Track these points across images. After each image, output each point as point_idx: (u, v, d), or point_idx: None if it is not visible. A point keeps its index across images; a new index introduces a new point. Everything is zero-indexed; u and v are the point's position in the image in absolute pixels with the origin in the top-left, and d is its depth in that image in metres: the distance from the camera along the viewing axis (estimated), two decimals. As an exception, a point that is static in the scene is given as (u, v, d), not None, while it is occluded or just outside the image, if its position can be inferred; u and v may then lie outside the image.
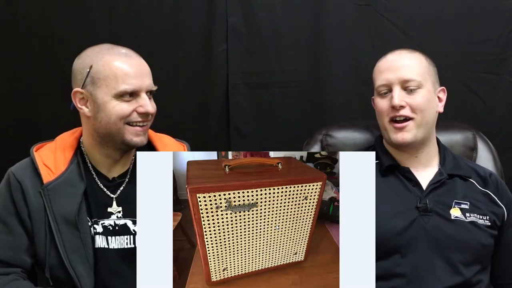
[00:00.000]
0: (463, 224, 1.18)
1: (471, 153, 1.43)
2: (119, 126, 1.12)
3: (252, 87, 1.80)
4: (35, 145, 1.21)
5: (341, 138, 1.48)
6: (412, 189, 1.22)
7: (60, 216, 1.11)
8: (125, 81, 1.10)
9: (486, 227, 1.19)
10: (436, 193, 1.21)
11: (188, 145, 1.34)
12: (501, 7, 1.70)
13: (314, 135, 1.51)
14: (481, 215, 1.19)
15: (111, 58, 1.12)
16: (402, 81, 1.20)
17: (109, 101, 1.11)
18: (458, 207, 1.20)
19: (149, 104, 1.14)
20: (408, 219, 1.17)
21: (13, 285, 1.10)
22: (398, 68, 1.22)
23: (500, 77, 1.73)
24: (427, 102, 1.21)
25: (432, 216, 1.18)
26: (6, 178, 1.16)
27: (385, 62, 1.25)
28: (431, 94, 1.22)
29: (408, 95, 1.20)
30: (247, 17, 1.76)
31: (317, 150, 1.49)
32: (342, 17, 1.73)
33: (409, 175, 1.24)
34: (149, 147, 1.25)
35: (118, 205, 1.18)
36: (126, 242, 1.16)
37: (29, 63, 1.80)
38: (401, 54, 1.25)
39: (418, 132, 1.21)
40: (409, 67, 1.21)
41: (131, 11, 1.77)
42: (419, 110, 1.20)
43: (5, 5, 1.78)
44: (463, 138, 1.45)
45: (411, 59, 1.23)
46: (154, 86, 1.17)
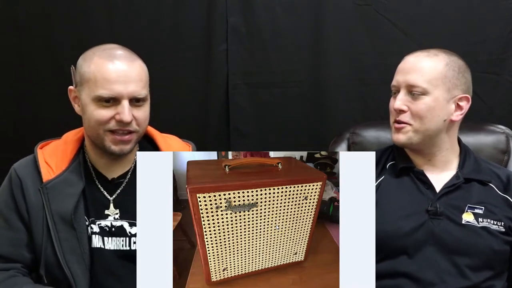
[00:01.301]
0: (474, 229, 1.16)
1: (502, 156, 1.40)
2: (99, 132, 1.11)
3: (252, 87, 1.80)
4: (41, 142, 1.21)
5: (367, 137, 1.48)
6: (425, 191, 1.21)
7: (58, 214, 1.12)
8: (103, 86, 1.07)
9: (499, 233, 1.17)
10: (450, 197, 1.20)
11: (194, 145, 1.33)
12: (501, 7, 1.69)
13: (342, 133, 1.51)
14: (495, 221, 1.18)
15: (98, 61, 1.09)
16: (408, 85, 1.19)
17: (89, 104, 1.09)
18: (471, 212, 1.18)
19: (127, 112, 1.08)
20: (417, 221, 1.17)
21: (11, 281, 1.10)
22: (408, 71, 1.20)
23: (500, 77, 1.73)
24: (429, 110, 1.18)
25: (442, 220, 1.17)
26: (9, 174, 1.17)
27: (402, 62, 1.23)
28: (438, 102, 1.18)
29: (412, 100, 1.19)
30: (247, 17, 1.76)
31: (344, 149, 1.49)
32: (342, 17, 1.73)
33: (423, 177, 1.23)
34: (154, 148, 1.25)
35: (115, 207, 1.18)
36: (122, 244, 1.16)
37: (29, 63, 1.80)
38: (418, 57, 1.21)
39: (415, 137, 1.20)
40: (419, 71, 1.18)
41: (131, 11, 1.77)
42: (419, 117, 1.18)
43: (5, 5, 1.78)
44: (494, 140, 1.42)
45: (425, 62, 1.19)
46: (143, 93, 1.11)
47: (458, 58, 1.23)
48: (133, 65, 1.11)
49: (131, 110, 1.10)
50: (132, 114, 1.10)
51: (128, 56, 1.12)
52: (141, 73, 1.12)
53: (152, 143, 1.26)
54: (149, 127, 1.22)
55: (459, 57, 1.24)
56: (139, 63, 1.13)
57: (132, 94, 1.09)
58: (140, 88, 1.10)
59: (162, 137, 1.27)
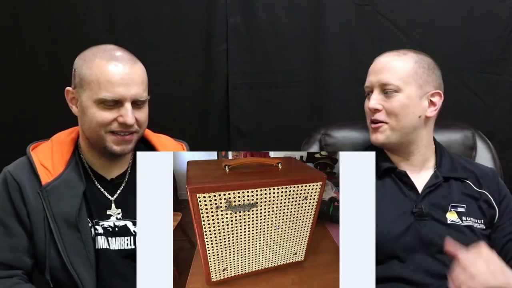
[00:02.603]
0: (459, 228, 1.18)
1: (470, 152, 1.43)
2: (100, 133, 1.11)
3: (252, 87, 1.80)
4: (31, 144, 1.20)
5: (340, 138, 1.48)
6: (408, 193, 1.22)
7: (60, 217, 1.11)
8: (107, 89, 1.07)
9: (481, 230, 1.19)
10: (432, 196, 1.21)
11: (186, 144, 1.33)
12: (501, 7, 1.70)
13: (313, 135, 1.51)
14: (476, 219, 1.20)
15: (100, 63, 1.09)
16: (380, 84, 1.22)
17: (90, 106, 1.09)
18: (455, 211, 1.20)
19: (130, 115, 1.09)
20: (404, 224, 1.17)
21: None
22: (379, 71, 1.23)
23: (500, 77, 1.73)
24: (403, 107, 1.20)
25: (428, 221, 1.18)
26: (3, 178, 1.14)
27: (373, 64, 1.26)
28: (411, 99, 1.20)
29: (386, 98, 1.21)
30: (247, 17, 1.76)
31: (316, 150, 1.49)
32: (342, 17, 1.73)
33: (405, 179, 1.24)
34: (148, 148, 1.25)
35: (117, 207, 1.17)
36: (127, 243, 1.16)
37: (29, 62, 1.80)
38: (388, 57, 1.24)
39: (392, 136, 1.22)
40: (390, 70, 1.21)
41: (131, 11, 1.77)
42: (394, 114, 1.20)
43: (5, 5, 1.78)
44: (462, 137, 1.45)
45: (396, 61, 1.22)
46: (144, 96, 1.12)
47: (426, 55, 1.26)
48: (135, 68, 1.11)
49: (133, 112, 1.10)
50: (134, 116, 1.10)
51: (129, 58, 1.12)
52: (142, 75, 1.13)
53: (146, 143, 1.25)
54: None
55: (427, 55, 1.26)
56: (139, 65, 1.14)
57: (134, 97, 1.10)
58: (142, 91, 1.11)
59: (156, 136, 1.27)
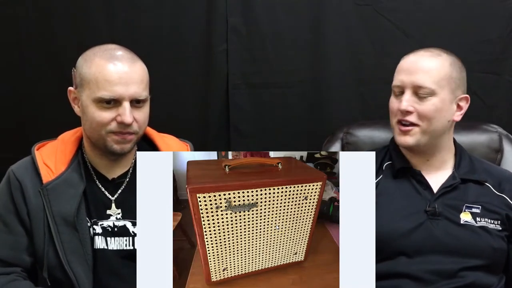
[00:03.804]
0: (473, 228, 1.17)
1: (495, 155, 1.41)
2: (100, 133, 1.10)
3: (252, 87, 1.79)
4: (37, 143, 1.20)
5: (361, 137, 1.48)
6: (423, 192, 1.21)
7: (59, 216, 1.11)
8: (105, 88, 1.07)
9: (497, 231, 1.18)
10: (447, 197, 1.20)
11: (191, 144, 1.33)
12: (501, 7, 1.70)
13: (335, 133, 1.51)
14: (492, 220, 1.19)
15: (99, 62, 1.08)
16: (414, 86, 1.17)
17: (89, 105, 1.09)
18: (469, 211, 1.19)
19: (128, 114, 1.08)
20: (415, 221, 1.17)
21: (13, 285, 1.10)
22: (414, 72, 1.18)
23: (500, 77, 1.73)
24: (436, 111, 1.17)
25: (441, 220, 1.17)
26: (7, 176, 1.16)
27: (404, 62, 1.22)
28: (444, 103, 1.18)
29: (418, 101, 1.17)
30: (247, 17, 1.75)
31: (338, 149, 1.49)
32: (342, 17, 1.73)
33: (420, 178, 1.23)
34: (152, 148, 1.25)
35: (117, 207, 1.17)
36: (126, 243, 1.16)
37: (29, 63, 1.80)
38: (422, 56, 1.20)
39: (422, 138, 1.19)
40: (426, 72, 1.17)
41: (131, 11, 1.77)
42: (426, 118, 1.17)
43: (5, 5, 1.78)
44: (487, 139, 1.43)
45: (431, 63, 1.18)
46: (144, 95, 1.11)
47: (457, 57, 1.23)
48: (134, 67, 1.10)
49: (132, 111, 1.09)
50: (133, 116, 1.10)
51: (129, 57, 1.11)
52: (142, 74, 1.12)
53: (150, 143, 1.25)
54: (147, 127, 1.22)
55: (456, 56, 1.24)
56: (140, 64, 1.13)
57: (133, 96, 1.09)
58: (141, 90, 1.10)
59: (160, 136, 1.27)
